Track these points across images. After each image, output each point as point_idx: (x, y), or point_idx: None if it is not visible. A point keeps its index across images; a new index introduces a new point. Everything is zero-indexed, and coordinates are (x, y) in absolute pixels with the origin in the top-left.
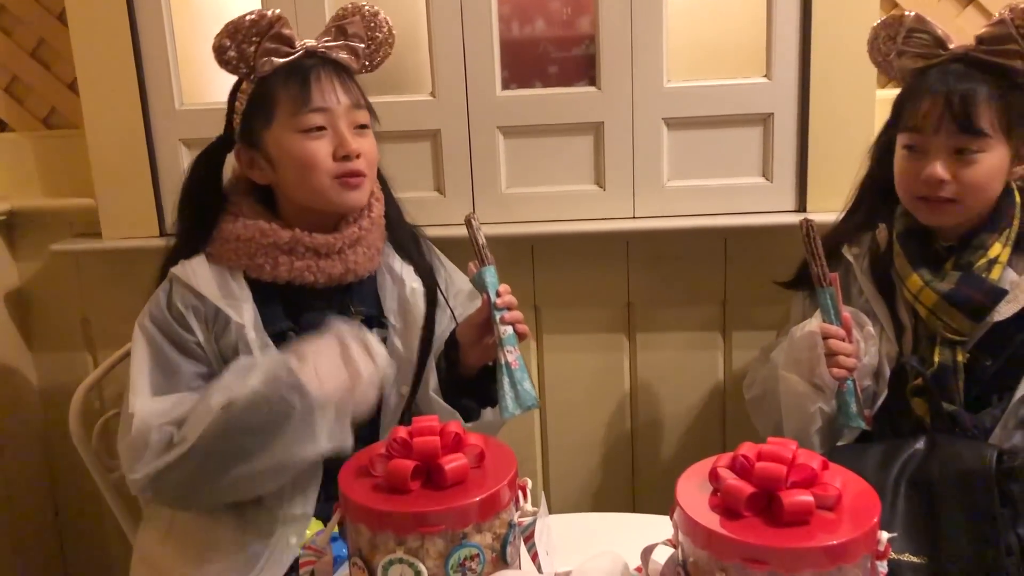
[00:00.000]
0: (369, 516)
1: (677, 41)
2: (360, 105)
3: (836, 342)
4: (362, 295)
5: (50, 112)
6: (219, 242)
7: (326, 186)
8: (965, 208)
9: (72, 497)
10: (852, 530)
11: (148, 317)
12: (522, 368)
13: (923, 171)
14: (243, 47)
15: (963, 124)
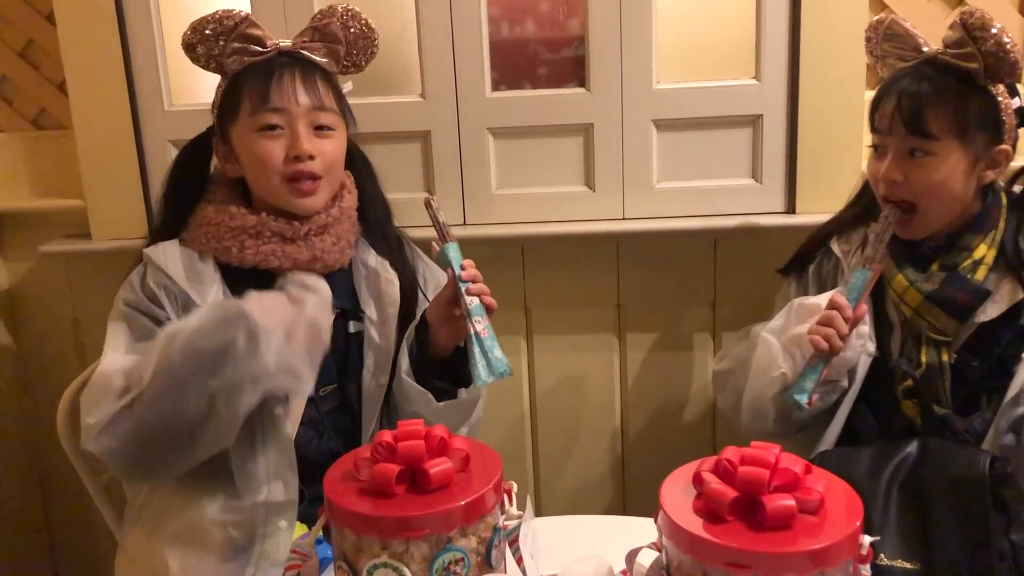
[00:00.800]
0: (354, 520)
1: (666, 43)
2: (323, 107)
3: (835, 315)
4: (336, 287)
5: (39, 113)
6: (192, 226)
7: (275, 186)
8: (925, 216)
9: (61, 498)
10: (834, 534)
11: (122, 297)
12: (492, 337)
13: (880, 171)
14: (209, 45)
15: (911, 126)
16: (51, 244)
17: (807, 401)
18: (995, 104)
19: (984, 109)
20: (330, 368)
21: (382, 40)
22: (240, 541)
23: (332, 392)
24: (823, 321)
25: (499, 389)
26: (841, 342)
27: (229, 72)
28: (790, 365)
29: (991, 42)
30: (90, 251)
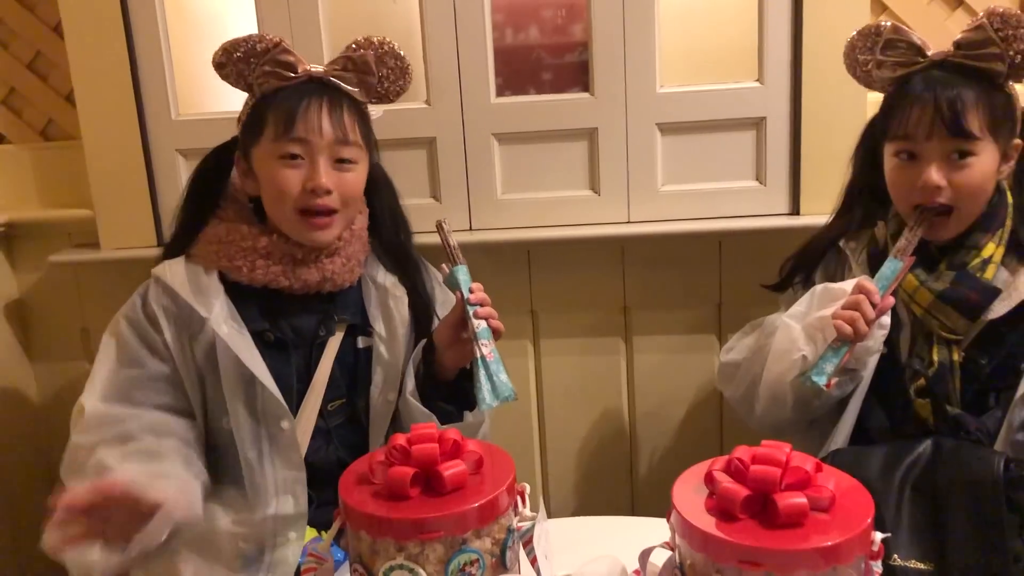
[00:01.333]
0: (369, 523)
1: (669, 47)
2: (346, 141)
3: (863, 299)
4: (346, 304)
5: (47, 124)
6: (202, 243)
7: (289, 217)
8: (960, 216)
9: None
10: (846, 531)
11: (122, 315)
12: (497, 360)
13: (918, 179)
14: (240, 67)
15: (954, 128)
16: (60, 254)
17: (825, 383)
18: (1012, 99)
19: (1006, 105)
20: (339, 383)
21: None
22: (250, 552)
23: (340, 407)
24: (849, 305)
25: None
26: (867, 328)
27: (257, 92)
28: (811, 348)
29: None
30: (99, 260)
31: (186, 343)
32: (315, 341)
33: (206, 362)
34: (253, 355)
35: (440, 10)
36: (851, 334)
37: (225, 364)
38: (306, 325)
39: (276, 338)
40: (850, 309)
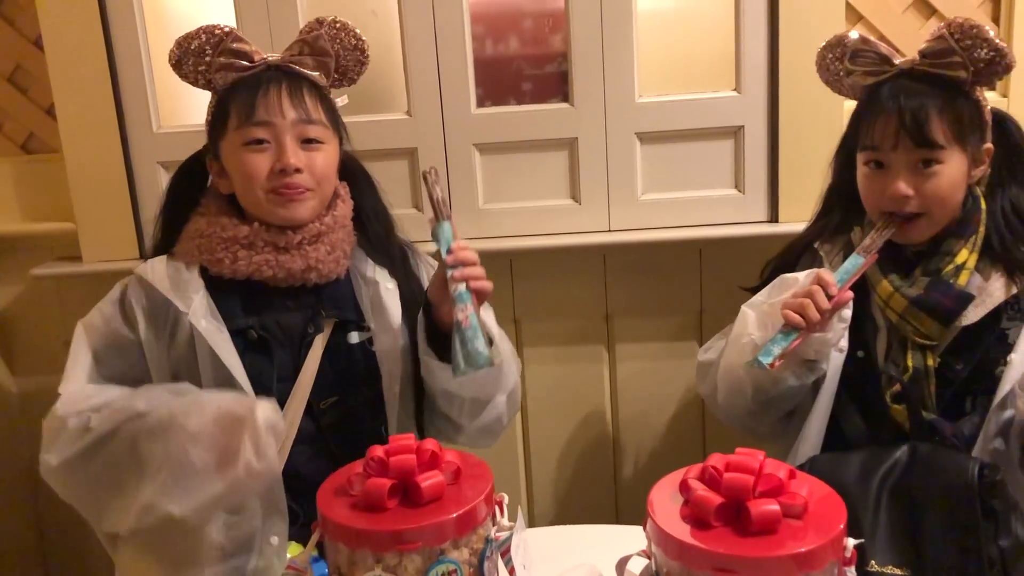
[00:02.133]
0: (347, 534)
1: (647, 57)
2: (310, 120)
3: (818, 290)
4: (335, 299)
5: (28, 137)
6: (183, 240)
7: (260, 199)
8: (932, 221)
9: (56, 520)
10: (818, 537)
11: (97, 310)
12: (474, 327)
13: (887, 188)
14: (195, 61)
15: (918, 139)
16: (42, 267)
17: (770, 363)
18: (979, 105)
19: (972, 112)
20: (329, 380)
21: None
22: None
23: (332, 404)
24: (802, 293)
25: None
26: (817, 316)
27: (218, 88)
28: (761, 334)
29: (985, 49)
30: (81, 273)
31: (165, 341)
32: (303, 339)
33: (184, 360)
34: (230, 352)
35: (420, 22)
36: (799, 322)
37: (204, 361)
38: (293, 322)
39: (260, 336)
40: (803, 298)
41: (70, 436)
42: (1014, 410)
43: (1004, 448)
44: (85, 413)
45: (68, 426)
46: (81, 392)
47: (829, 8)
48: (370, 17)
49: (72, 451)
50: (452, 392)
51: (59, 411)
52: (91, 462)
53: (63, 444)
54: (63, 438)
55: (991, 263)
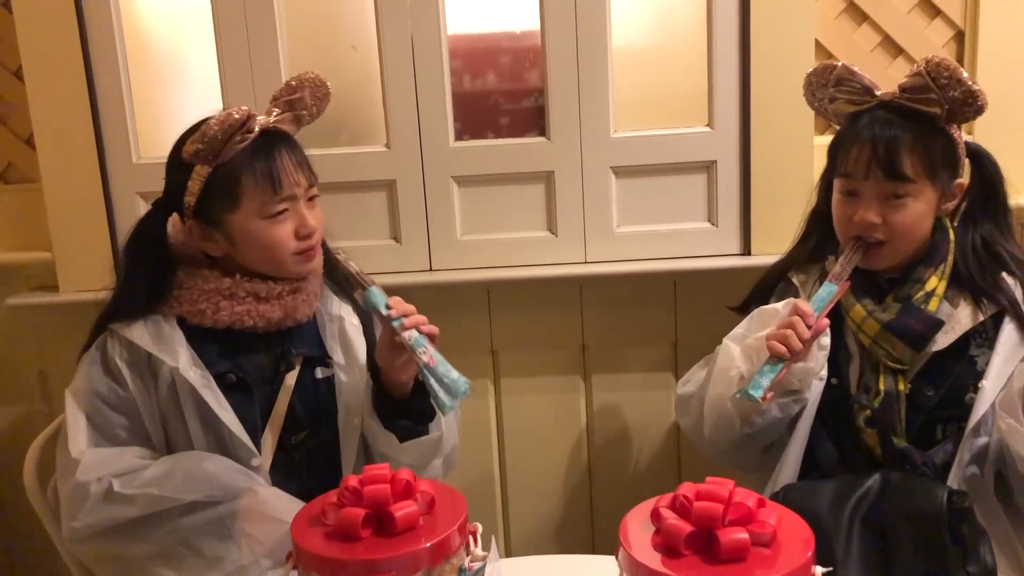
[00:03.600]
0: (321, 564)
1: (622, 92)
2: (312, 183)
3: (798, 320)
4: (301, 338)
5: (6, 167)
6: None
7: (288, 262)
8: (894, 250)
9: (26, 553)
10: (787, 565)
11: (86, 376)
12: (442, 362)
13: (855, 215)
14: (215, 146)
15: (888, 171)
16: (18, 296)
17: (761, 396)
18: (953, 142)
19: (946, 148)
20: (299, 416)
21: (347, 94)
22: None
23: (303, 439)
24: (783, 325)
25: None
26: (800, 345)
27: (219, 160)
28: (747, 367)
29: (960, 90)
30: (58, 303)
31: (151, 388)
32: (275, 377)
33: (168, 404)
34: (220, 402)
35: (399, 56)
36: (784, 352)
37: (187, 406)
38: (265, 361)
39: (238, 378)
40: (785, 329)
41: (95, 501)
42: (988, 437)
43: (979, 474)
44: (106, 479)
45: (91, 491)
46: (97, 457)
47: (799, 47)
48: (349, 51)
49: (101, 519)
50: (391, 456)
51: (80, 478)
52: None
53: (89, 510)
54: (88, 504)
55: (959, 291)
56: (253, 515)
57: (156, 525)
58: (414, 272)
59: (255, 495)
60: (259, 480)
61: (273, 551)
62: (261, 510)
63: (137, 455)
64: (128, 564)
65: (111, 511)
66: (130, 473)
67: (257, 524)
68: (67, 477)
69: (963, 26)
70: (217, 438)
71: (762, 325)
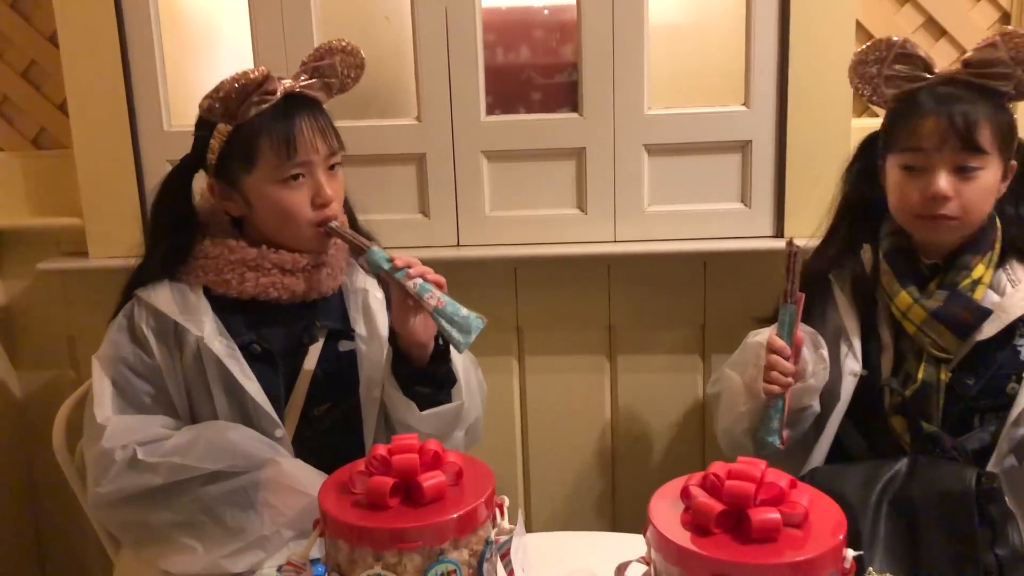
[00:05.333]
0: (348, 532)
1: (657, 69)
2: (334, 150)
3: (777, 359)
4: (327, 311)
5: (39, 132)
6: (188, 261)
7: (306, 235)
8: (964, 225)
9: (54, 515)
10: (818, 547)
11: (113, 343)
12: (451, 303)
13: (927, 189)
14: (230, 105)
15: (967, 142)
16: (48, 262)
17: (779, 442)
18: (1013, 121)
19: (1010, 125)
20: (323, 388)
21: (379, 65)
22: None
23: (327, 411)
24: (768, 366)
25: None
26: (790, 380)
27: (238, 120)
28: (752, 404)
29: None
30: (87, 269)
31: (176, 357)
32: (299, 349)
33: (193, 373)
34: (245, 372)
35: (432, 28)
36: (780, 390)
37: (212, 376)
38: (290, 334)
39: (263, 349)
40: (770, 370)
41: (120, 468)
42: None
43: (1018, 466)
44: (130, 446)
45: (115, 459)
46: (121, 425)
47: (839, 27)
48: (383, 22)
49: (125, 486)
50: (411, 426)
51: (105, 444)
52: (154, 510)
53: (114, 476)
54: (113, 470)
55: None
56: (275, 486)
57: (179, 494)
58: (442, 247)
59: (277, 466)
60: (282, 451)
61: (295, 522)
62: (283, 481)
63: (161, 424)
64: (151, 531)
65: (135, 478)
66: (154, 442)
67: (279, 495)
68: (93, 443)
69: (1009, 8)
70: (241, 408)
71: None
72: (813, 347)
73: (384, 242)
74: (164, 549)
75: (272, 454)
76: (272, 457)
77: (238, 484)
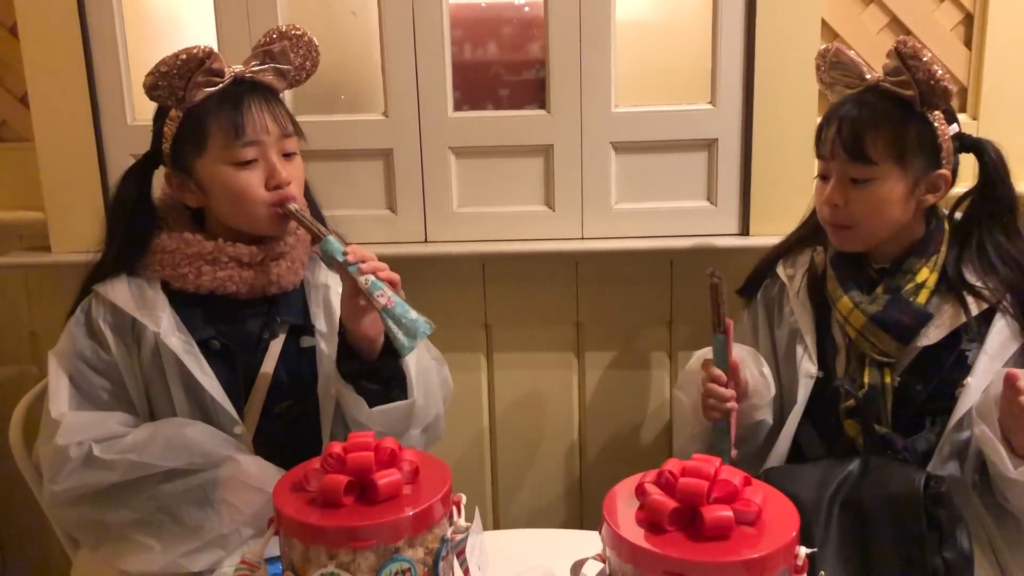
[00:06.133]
0: (302, 530)
1: (625, 67)
2: (288, 133)
3: (713, 387)
4: (288, 305)
5: (0, 125)
6: (146, 255)
7: (261, 216)
8: (862, 233)
9: (14, 513)
10: (770, 544)
11: (67, 336)
12: (400, 304)
13: (823, 196)
14: (174, 83)
15: (851, 152)
16: (10, 256)
17: (732, 458)
18: (932, 130)
19: (922, 135)
20: (283, 385)
21: (346, 60)
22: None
23: (287, 408)
24: (707, 395)
25: (459, 405)
26: (731, 404)
27: (187, 104)
28: (700, 427)
29: (922, 71)
30: (49, 263)
31: (134, 353)
32: (259, 344)
33: (151, 369)
34: (203, 368)
35: (399, 24)
36: (723, 415)
37: (171, 372)
38: (250, 328)
39: (222, 344)
40: (707, 397)
41: (75, 466)
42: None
43: (958, 472)
44: (86, 442)
45: (71, 455)
46: (77, 421)
47: (805, 26)
48: (349, 17)
49: (81, 484)
50: (361, 423)
51: (59, 441)
52: (110, 508)
53: (69, 473)
54: (68, 468)
55: (951, 286)
56: (234, 484)
57: (136, 491)
58: (409, 243)
59: (236, 463)
60: (241, 448)
61: (254, 520)
62: (242, 479)
63: (119, 421)
64: (108, 530)
65: (91, 476)
66: (111, 439)
67: (238, 493)
68: (48, 439)
69: (972, 9)
70: (200, 404)
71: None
72: (755, 365)
73: (351, 238)
74: (121, 548)
75: (231, 451)
76: (231, 455)
77: (196, 482)
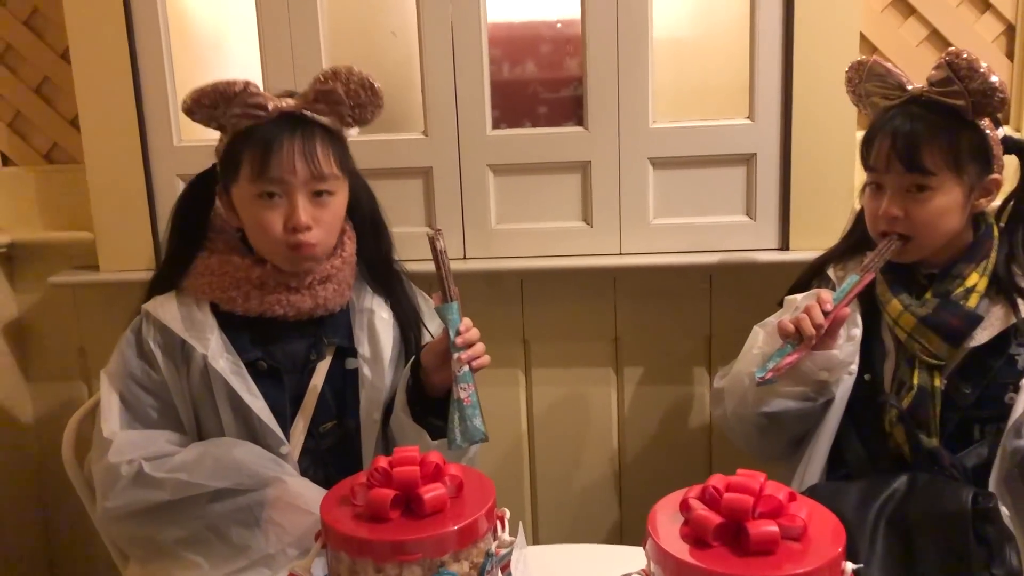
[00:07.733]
0: (349, 544)
1: (662, 83)
2: (322, 176)
3: (814, 306)
4: (334, 327)
5: (52, 147)
6: (193, 275)
7: (278, 252)
8: (919, 244)
9: (64, 527)
10: (816, 560)
11: (122, 356)
12: (474, 404)
13: (879, 208)
14: (209, 112)
15: (908, 163)
16: (60, 275)
17: (762, 376)
18: (983, 136)
19: (974, 142)
20: (329, 405)
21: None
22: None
23: (331, 428)
24: (805, 309)
25: (498, 421)
26: (812, 330)
27: (231, 131)
28: (768, 348)
29: (979, 81)
30: (98, 282)
31: (183, 373)
32: (306, 366)
33: (200, 389)
34: (250, 389)
35: (439, 43)
36: (792, 332)
37: (219, 393)
38: (297, 349)
39: (269, 366)
40: (801, 314)
41: (126, 483)
42: None
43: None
44: (136, 461)
45: (121, 473)
46: (128, 440)
47: (843, 40)
48: (389, 37)
49: (132, 501)
50: None
51: (111, 459)
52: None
53: (120, 491)
54: (119, 485)
55: (998, 289)
56: (280, 504)
57: (185, 510)
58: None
59: (283, 484)
60: (288, 469)
61: (299, 540)
62: (289, 500)
63: (168, 439)
64: (158, 547)
65: (141, 494)
66: (161, 457)
67: (284, 513)
68: (100, 457)
69: (1014, 20)
70: (247, 425)
71: (786, 312)
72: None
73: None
74: (170, 564)
75: (278, 472)
76: (277, 476)
77: (244, 502)
